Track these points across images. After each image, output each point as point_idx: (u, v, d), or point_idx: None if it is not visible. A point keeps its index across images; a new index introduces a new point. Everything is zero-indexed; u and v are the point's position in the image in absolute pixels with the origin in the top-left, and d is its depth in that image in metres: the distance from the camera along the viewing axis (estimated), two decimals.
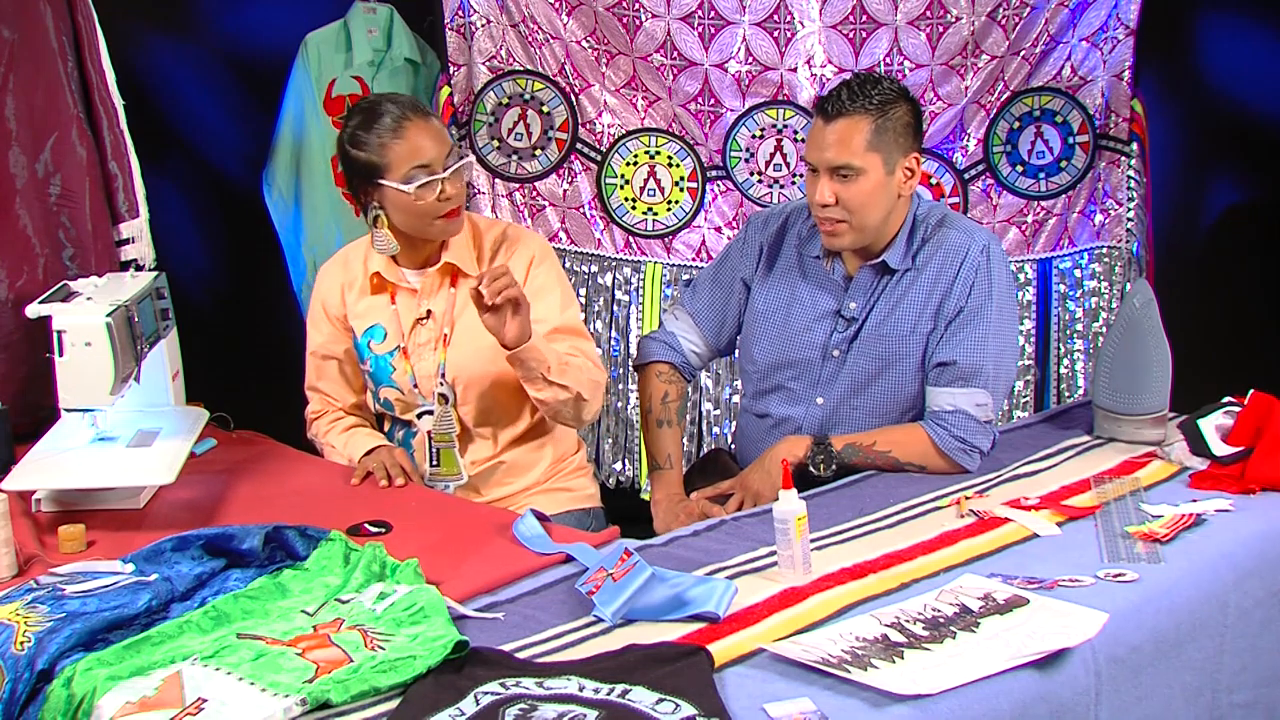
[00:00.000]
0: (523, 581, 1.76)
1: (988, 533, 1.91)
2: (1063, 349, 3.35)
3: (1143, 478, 2.13)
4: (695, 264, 3.39)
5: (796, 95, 3.26)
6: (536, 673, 1.45)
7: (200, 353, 2.62)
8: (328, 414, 2.42)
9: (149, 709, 1.37)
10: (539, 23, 3.30)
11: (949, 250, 2.23)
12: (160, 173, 2.95)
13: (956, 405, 2.19)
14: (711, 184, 3.38)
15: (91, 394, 2.07)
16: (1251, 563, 1.85)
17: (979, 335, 2.20)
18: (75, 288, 2.23)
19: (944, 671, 1.44)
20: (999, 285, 2.22)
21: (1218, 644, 1.78)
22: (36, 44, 2.52)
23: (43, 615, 1.56)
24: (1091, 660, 1.55)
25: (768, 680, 1.45)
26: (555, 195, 3.43)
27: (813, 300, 2.31)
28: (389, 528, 1.97)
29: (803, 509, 1.74)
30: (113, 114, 2.65)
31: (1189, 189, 3.49)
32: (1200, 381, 2.42)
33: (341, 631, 1.55)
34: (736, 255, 2.43)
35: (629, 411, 3.43)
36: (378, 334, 2.32)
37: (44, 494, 2.08)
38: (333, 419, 2.41)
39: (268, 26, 3.33)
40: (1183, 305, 2.83)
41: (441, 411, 2.29)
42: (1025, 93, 3.26)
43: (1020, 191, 3.32)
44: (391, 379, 2.31)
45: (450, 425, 2.29)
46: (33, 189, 2.53)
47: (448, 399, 2.28)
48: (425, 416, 2.31)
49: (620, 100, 3.35)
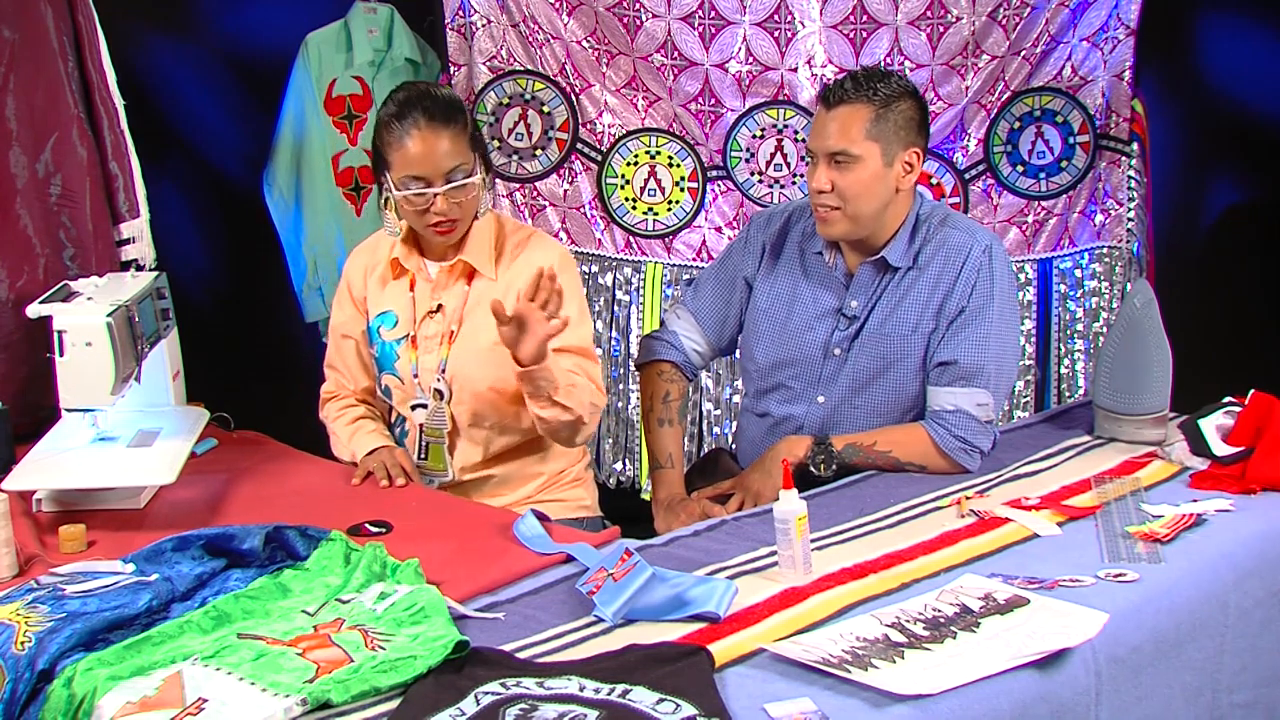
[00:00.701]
0: (523, 581, 1.76)
1: (988, 533, 1.91)
2: (1063, 349, 3.35)
3: (1143, 478, 2.13)
4: (696, 264, 3.39)
5: (797, 95, 3.26)
6: (537, 673, 1.45)
7: (200, 353, 2.62)
8: (340, 398, 2.42)
9: (149, 709, 1.37)
10: (539, 23, 3.30)
11: (951, 250, 2.23)
12: (161, 173, 2.95)
13: (957, 405, 2.19)
14: (712, 184, 3.39)
15: (92, 394, 2.07)
16: (1251, 563, 1.85)
17: (980, 335, 2.20)
18: (76, 288, 2.23)
19: (944, 671, 1.44)
20: (1001, 285, 2.22)
21: (1218, 644, 1.78)
22: (37, 44, 2.52)
23: (43, 615, 1.56)
24: (1092, 660, 1.54)
25: (768, 680, 1.45)
26: (556, 195, 3.43)
27: (814, 298, 2.31)
28: (389, 528, 1.97)
29: (803, 509, 1.74)
30: (113, 114, 2.65)
31: (1189, 189, 3.49)
32: (1200, 381, 2.42)
33: (342, 631, 1.55)
34: (739, 254, 2.43)
35: (629, 411, 3.43)
36: (389, 320, 2.33)
37: (44, 494, 2.08)
38: (343, 405, 2.41)
39: (268, 26, 3.33)
40: (1183, 305, 2.83)
41: (435, 407, 2.29)
42: (1026, 93, 3.26)
43: (1021, 191, 3.32)
44: (394, 366, 2.31)
45: (442, 421, 2.29)
46: (33, 189, 2.53)
47: (443, 395, 2.28)
48: (419, 410, 2.31)
49: (621, 100, 3.35)
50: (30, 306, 2.14)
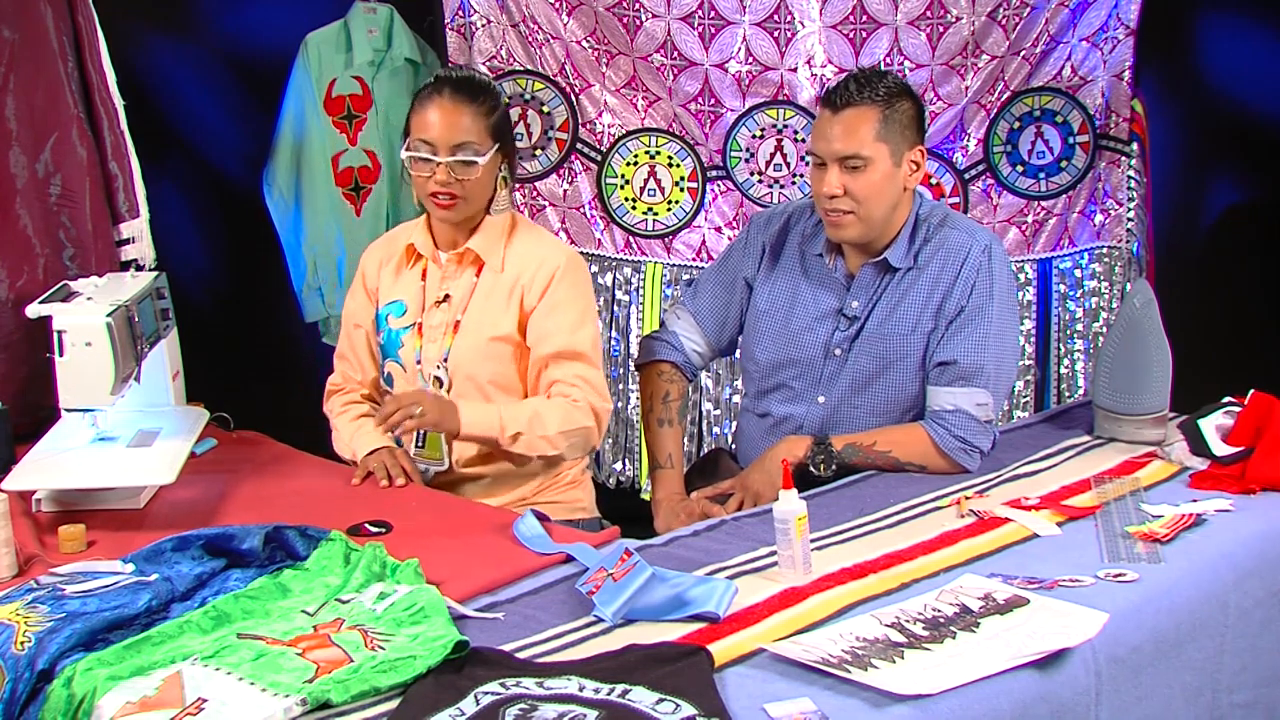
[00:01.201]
0: (523, 581, 1.76)
1: (988, 533, 1.91)
2: (1063, 349, 3.36)
3: (1143, 478, 2.13)
4: (695, 264, 3.39)
5: (797, 95, 3.26)
6: (537, 673, 1.45)
7: (200, 353, 2.61)
8: (345, 392, 2.42)
9: (149, 709, 1.37)
10: (539, 23, 3.30)
11: (950, 250, 2.23)
12: (160, 173, 2.94)
13: (957, 405, 2.19)
14: (712, 184, 3.39)
15: (92, 394, 2.07)
16: (1251, 563, 1.85)
17: (980, 335, 2.20)
18: (75, 288, 2.23)
19: (944, 671, 1.44)
20: (1000, 285, 2.22)
21: (1218, 644, 1.78)
22: (37, 44, 2.52)
23: (43, 615, 1.56)
24: (1092, 660, 1.54)
25: (768, 680, 1.45)
26: (556, 195, 3.43)
27: (815, 299, 2.32)
28: (389, 527, 1.97)
29: (803, 509, 1.74)
30: (113, 114, 2.65)
31: (1189, 189, 3.49)
32: (1200, 381, 2.42)
33: (342, 631, 1.55)
34: (738, 255, 2.43)
35: (629, 411, 3.43)
36: (398, 309, 2.34)
37: (44, 494, 2.08)
38: (346, 400, 2.41)
39: (268, 26, 3.33)
40: (1183, 305, 2.83)
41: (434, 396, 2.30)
42: (1025, 93, 3.27)
43: (1020, 191, 3.32)
44: (398, 353, 2.32)
45: None
46: (33, 189, 2.53)
47: (442, 383, 2.29)
48: None
49: (620, 100, 3.35)
50: (30, 306, 2.14)
